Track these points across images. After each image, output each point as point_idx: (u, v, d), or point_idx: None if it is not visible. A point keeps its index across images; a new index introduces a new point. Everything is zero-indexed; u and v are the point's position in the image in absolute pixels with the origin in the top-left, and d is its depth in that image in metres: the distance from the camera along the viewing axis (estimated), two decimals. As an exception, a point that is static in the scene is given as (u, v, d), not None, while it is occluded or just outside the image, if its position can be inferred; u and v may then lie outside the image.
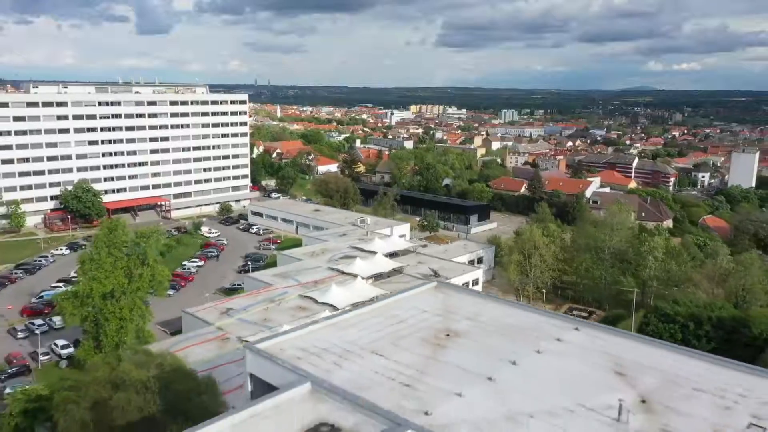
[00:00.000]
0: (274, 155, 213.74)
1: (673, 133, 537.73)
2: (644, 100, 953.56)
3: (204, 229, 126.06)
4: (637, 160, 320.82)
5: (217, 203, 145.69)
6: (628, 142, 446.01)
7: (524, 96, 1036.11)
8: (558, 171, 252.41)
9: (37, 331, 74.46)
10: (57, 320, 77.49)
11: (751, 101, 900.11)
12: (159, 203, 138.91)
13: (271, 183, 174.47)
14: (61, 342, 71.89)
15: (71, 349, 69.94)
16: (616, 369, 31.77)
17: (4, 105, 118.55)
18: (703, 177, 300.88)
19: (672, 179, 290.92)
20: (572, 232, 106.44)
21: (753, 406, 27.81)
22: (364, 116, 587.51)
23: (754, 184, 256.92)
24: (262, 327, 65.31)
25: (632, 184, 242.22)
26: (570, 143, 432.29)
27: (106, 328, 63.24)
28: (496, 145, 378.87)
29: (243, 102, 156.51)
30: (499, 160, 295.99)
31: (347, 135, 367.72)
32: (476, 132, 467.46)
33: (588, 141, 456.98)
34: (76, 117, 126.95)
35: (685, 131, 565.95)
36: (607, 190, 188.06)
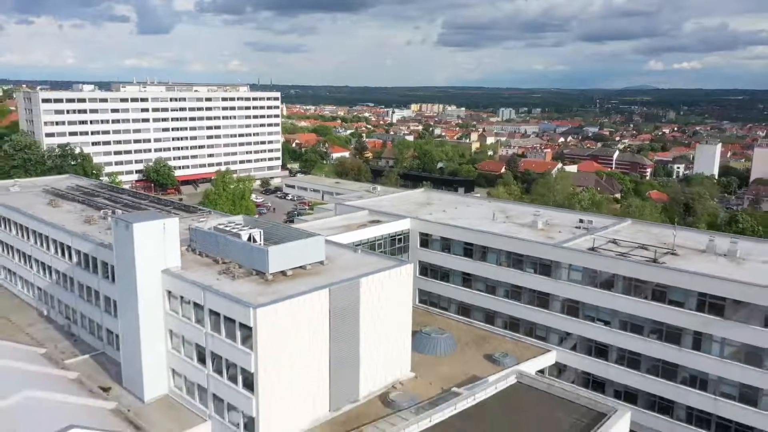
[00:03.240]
0: (293, 145, 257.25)
1: (664, 130, 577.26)
2: (643, 99, 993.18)
3: (252, 196, 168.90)
4: (617, 152, 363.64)
5: (257, 179, 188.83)
6: (617, 139, 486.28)
7: (524, 95, 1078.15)
8: (544, 161, 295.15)
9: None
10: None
11: (747, 100, 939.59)
12: (213, 177, 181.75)
13: (295, 166, 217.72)
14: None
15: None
16: (501, 211, 74.61)
17: (104, 100, 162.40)
18: (678, 168, 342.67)
19: (649, 169, 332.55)
20: (531, 195, 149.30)
21: (557, 223, 70.54)
22: (366, 114, 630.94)
23: (716, 172, 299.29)
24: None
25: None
26: (562, 139, 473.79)
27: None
28: (490, 141, 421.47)
29: (276, 99, 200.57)
30: (491, 152, 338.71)
31: (352, 131, 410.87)
32: (473, 129, 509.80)
33: (579, 137, 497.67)
34: (154, 110, 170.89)
35: (675, 128, 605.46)
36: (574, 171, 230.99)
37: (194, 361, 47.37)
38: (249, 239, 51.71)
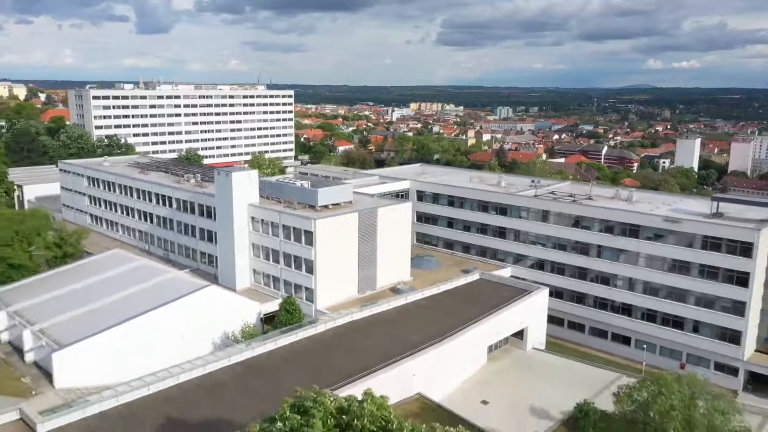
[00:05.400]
0: (302, 139, 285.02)
1: (657, 128, 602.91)
2: (641, 97, 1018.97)
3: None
4: (606, 148, 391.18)
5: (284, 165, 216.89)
6: (610, 136, 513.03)
7: (523, 94, 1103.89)
8: (531, 153, 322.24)
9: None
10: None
11: (743, 98, 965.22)
12: (236, 166, 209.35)
13: (305, 157, 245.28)
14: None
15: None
16: (477, 177, 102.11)
17: (144, 97, 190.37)
18: (664, 162, 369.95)
19: (636, 163, 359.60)
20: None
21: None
22: (367, 113, 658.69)
23: (695, 165, 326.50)
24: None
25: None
26: (556, 136, 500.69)
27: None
28: (486, 138, 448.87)
29: (290, 96, 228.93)
30: (486, 147, 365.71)
31: (354, 128, 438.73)
32: (471, 126, 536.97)
33: (574, 134, 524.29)
34: (185, 106, 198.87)
35: (668, 126, 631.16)
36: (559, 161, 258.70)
37: (270, 261, 74.87)
38: (301, 186, 79.27)
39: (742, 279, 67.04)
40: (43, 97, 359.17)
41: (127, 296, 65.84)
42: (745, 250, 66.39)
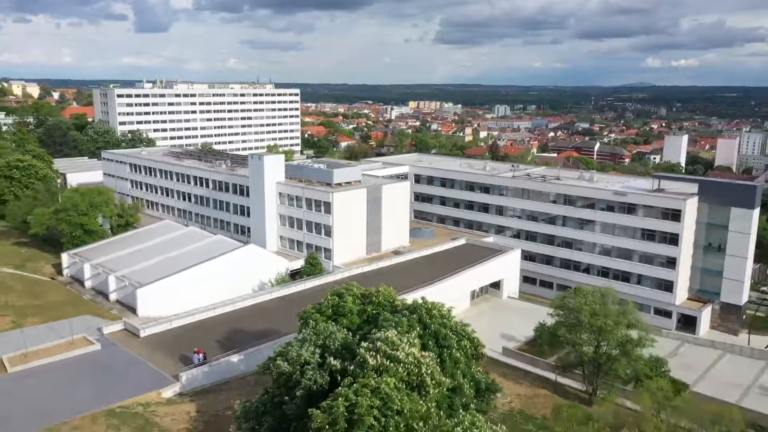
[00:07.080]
0: (306, 135, 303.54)
1: (652, 126, 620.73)
2: (639, 96, 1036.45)
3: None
4: (599, 144, 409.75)
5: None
6: (605, 133, 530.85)
7: (521, 92, 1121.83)
8: (523, 147, 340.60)
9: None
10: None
11: (741, 97, 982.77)
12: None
13: (310, 152, 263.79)
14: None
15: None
16: (466, 163, 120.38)
17: (162, 95, 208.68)
18: (654, 158, 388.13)
19: (627, 159, 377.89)
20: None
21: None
22: (366, 111, 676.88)
23: (682, 161, 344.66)
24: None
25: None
26: (552, 134, 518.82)
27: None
28: (483, 135, 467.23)
29: (296, 95, 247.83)
30: (481, 143, 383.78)
31: (354, 126, 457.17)
32: (468, 124, 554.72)
33: (569, 132, 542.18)
34: (200, 104, 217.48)
35: (663, 124, 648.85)
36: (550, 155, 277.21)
37: (294, 228, 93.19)
38: (319, 167, 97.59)
39: (673, 239, 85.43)
40: (56, 95, 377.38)
41: (184, 252, 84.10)
42: (675, 216, 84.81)
